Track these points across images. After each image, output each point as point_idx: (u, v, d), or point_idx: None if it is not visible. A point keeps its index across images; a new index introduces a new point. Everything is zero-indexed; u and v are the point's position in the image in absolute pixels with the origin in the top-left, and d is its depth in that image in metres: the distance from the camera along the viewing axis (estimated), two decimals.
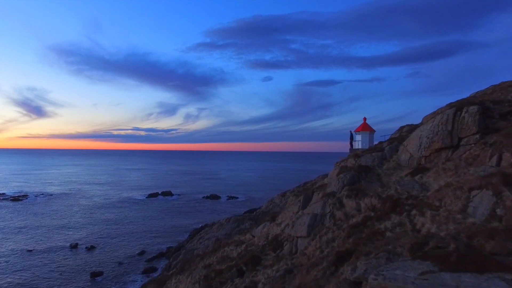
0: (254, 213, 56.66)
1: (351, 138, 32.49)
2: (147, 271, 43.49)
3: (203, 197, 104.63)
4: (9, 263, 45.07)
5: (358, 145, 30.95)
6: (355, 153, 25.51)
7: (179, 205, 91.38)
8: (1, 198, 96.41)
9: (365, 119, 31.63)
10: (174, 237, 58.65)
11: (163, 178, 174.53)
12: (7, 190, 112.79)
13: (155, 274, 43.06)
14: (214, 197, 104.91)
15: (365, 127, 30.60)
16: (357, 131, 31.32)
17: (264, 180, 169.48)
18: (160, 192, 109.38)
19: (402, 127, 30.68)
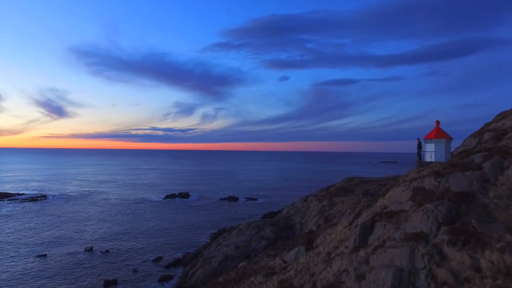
0: (275, 218, 53.98)
1: (419, 147, 25.63)
2: (163, 279, 41.31)
3: (221, 199, 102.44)
4: (22, 268, 43.60)
5: (430, 157, 24.20)
6: (434, 170, 18.35)
7: (196, 207, 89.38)
8: (20, 198, 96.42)
9: (438, 122, 23.79)
10: (191, 242, 56.42)
11: (180, 178, 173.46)
12: (27, 190, 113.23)
13: (172, 282, 40.96)
14: (232, 198, 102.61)
15: (440, 134, 23.68)
16: (429, 138, 24.15)
17: (282, 180, 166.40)
18: (177, 194, 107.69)
19: (480, 134, 24.39)
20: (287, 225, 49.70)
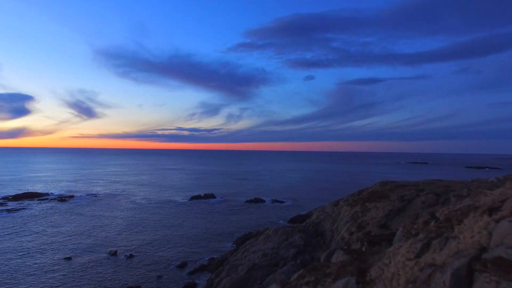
0: (304, 223, 51.38)
1: None
2: (187, 287, 39.63)
3: (247, 201, 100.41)
4: (47, 270, 42.95)
5: None
6: None
7: (222, 209, 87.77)
8: (48, 198, 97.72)
9: None
10: (216, 246, 54.64)
11: (205, 179, 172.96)
12: (56, 190, 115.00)
13: None
14: (258, 200, 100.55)
15: None
16: None
17: (308, 181, 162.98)
18: (202, 195, 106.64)
19: None
20: (317, 231, 47.09)
